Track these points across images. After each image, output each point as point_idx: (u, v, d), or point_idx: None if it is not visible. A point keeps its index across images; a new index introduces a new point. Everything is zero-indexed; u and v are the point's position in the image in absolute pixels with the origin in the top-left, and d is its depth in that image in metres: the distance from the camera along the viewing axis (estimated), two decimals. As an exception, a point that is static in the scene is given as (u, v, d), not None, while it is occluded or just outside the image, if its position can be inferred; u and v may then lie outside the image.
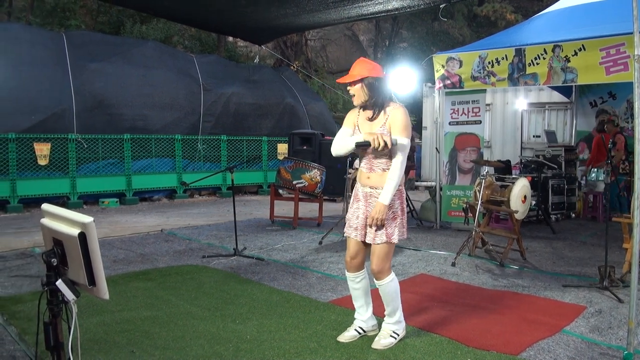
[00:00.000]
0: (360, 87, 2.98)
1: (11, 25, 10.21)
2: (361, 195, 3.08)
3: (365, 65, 3.01)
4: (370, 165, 3.03)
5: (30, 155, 9.05)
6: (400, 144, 2.88)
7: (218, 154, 11.90)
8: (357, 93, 3.00)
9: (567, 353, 2.97)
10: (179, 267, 5.02)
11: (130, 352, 2.95)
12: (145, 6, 9.31)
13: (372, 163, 3.02)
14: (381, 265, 2.98)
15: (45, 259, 1.96)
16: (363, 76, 2.95)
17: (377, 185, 3.00)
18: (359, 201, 3.08)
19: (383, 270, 3.00)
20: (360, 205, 3.07)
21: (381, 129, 2.96)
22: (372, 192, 3.02)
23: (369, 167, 3.04)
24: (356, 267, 3.13)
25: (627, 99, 8.91)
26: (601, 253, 4.61)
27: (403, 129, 2.92)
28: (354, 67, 3.03)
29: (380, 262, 2.98)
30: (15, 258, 5.34)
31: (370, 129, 3.00)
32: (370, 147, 2.89)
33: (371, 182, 3.02)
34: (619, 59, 5.18)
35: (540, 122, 11.38)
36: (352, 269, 3.13)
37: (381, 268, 2.99)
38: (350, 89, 3.02)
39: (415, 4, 8.01)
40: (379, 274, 3.01)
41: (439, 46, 19.43)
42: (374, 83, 2.97)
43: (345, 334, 3.19)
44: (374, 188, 3.01)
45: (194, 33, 18.04)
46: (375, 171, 3.01)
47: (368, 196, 3.03)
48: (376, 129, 2.98)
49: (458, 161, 7.19)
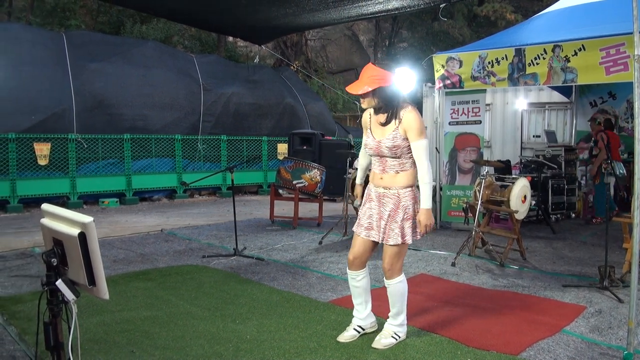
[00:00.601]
0: (371, 98, 2.97)
1: (11, 25, 10.22)
2: (374, 195, 3.08)
3: (374, 77, 2.93)
4: (383, 166, 3.05)
5: (30, 155, 9.05)
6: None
7: (218, 154, 11.90)
8: (368, 102, 3.00)
9: (567, 353, 2.97)
10: (179, 267, 5.02)
11: (130, 352, 2.95)
12: (145, 6, 9.31)
13: (385, 165, 3.04)
14: (393, 264, 3.01)
15: (45, 259, 1.96)
16: (373, 88, 2.93)
17: (390, 185, 3.00)
18: (372, 201, 3.09)
19: (394, 270, 3.02)
20: (373, 206, 3.08)
21: (394, 132, 2.95)
22: (385, 192, 3.02)
23: (382, 169, 3.05)
24: (358, 266, 3.14)
25: (627, 99, 8.91)
26: (601, 253, 4.61)
27: (420, 132, 2.93)
28: (362, 74, 2.99)
29: (392, 261, 3.01)
30: (15, 258, 5.34)
31: (383, 132, 3.00)
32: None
33: (384, 183, 3.03)
34: (619, 59, 5.17)
35: (540, 122, 11.38)
36: (354, 267, 3.15)
37: (392, 267, 3.01)
38: (360, 97, 3.01)
39: (415, 4, 8.00)
40: (389, 273, 3.03)
41: (439, 46, 19.42)
42: (385, 92, 2.96)
43: (345, 334, 3.20)
44: (387, 188, 3.01)
45: (194, 33, 18.04)
46: (388, 172, 3.02)
47: (381, 196, 3.04)
48: (389, 132, 2.97)
49: (458, 161, 7.19)
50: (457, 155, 7.20)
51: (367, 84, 2.93)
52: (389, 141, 2.96)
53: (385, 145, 2.97)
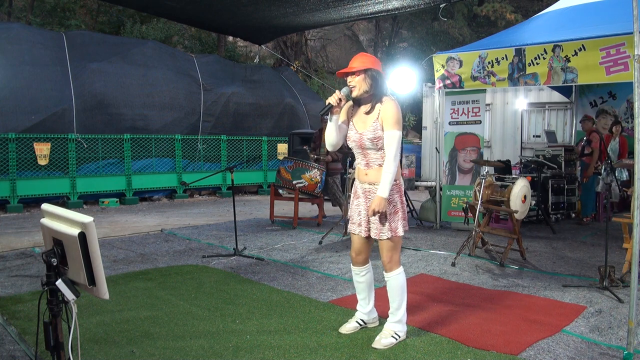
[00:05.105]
0: (363, 79, 3.01)
1: (11, 25, 10.21)
2: (360, 191, 3.14)
3: (367, 58, 3.05)
4: (367, 161, 3.09)
5: (30, 155, 9.05)
6: (348, 95, 3.03)
7: (218, 154, 11.90)
8: (359, 84, 3.02)
9: (567, 353, 2.97)
10: (179, 267, 5.02)
11: (130, 352, 2.95)
12: (145, 6, 9.30)
13: (368, 159, 3.08)
14: (391, 257, 3.06)
15: (45, 259, 1.96)
16: (367, 67, 2.99)
17: (375, 181, 3.04)
18: (359, 198, 3.15)
19: (393, 262, 3.07)
20: (360, 202, 3.14)
21: (374, 124, 3.00)
22: (370, 188, 3.07)
23: (365, 164, 3.10)
24: (361, 262, 3.23)
25: (627, 99, 8.92)
26: (601, 253, 4.62)
27: (395, 122, 2.96)
28: (354, 60, 3.07)
29: (390, 255, 3.06)
30: (15, 258, 5.34)
31: (365, 125, 3.04)
32: (334, 108, 3.01)
33: (369, 179, 3.07)
34: (619, 59, 5.17)
35: (540, 122, 11.39)
36: (357, 264, 3.24)
37: (391, 259, 3.06)
38: (352, 80, 3.03)
39: (415, 3, 7.99)
40: (389, 265, 3.07)
41: (439, 46, 19.42)
42: (376, 75, 3.02)
43: (347, 326, 3.28)
44: (372, 184, 3.06)
45: (194, 33, 18.04)
46: (372, 167, 3.06)
47: (367, 192, 3.09)
48: (370, 123, 3.02)
49: (458, 161, 7.19)
50: (457, 155, 7.19)
51: (361, 64, 3.00)
52: (370, 133, 3.00)
53: (366, 137, 3.01)
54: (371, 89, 3.02)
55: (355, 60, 3.05)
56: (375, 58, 3.11)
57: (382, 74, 3.07)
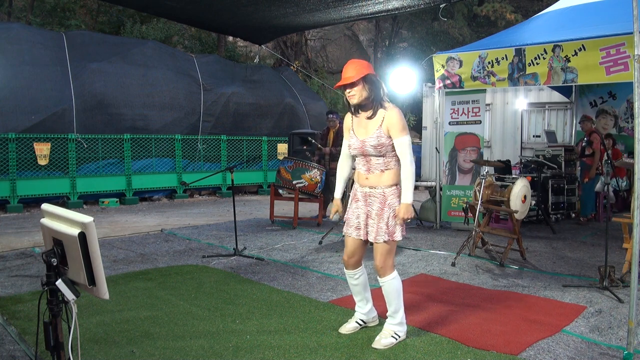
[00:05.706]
0: (362, 87, 2.99)
1: (11, 25, 10.21)
2: (360, 195, 3.12)
3: (360, 65, 3.02)
4: (368, 166, 3.07)
5: (30, 155, 9.05)
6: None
7: (218, 154, 11.90)
8: (358, 92, 3.00)
9: (567, 353, 2.97)
10: (179, 267, 5.02)
11: (130, 352, 2.95)
12: (145, 6, 9.31)
13: (370, 165, 3.06)
14: (384, 261, 3.03)
15: (45, 259, 1.96)
16: (363, 74, 2.97)
17: (375, 184, 3.03)
18: (358, 201, 3.13)
19: (386, 267, 3.04)
20: (360, 205, 3.11)
21: (377, 130, 2.99)
22: (371, 191, 3.06)
23: (367, 169, 3.08)
24: (354, 265, 3.20)
25: (627, 99, 8.92)
26: (601, 253, 4.62)
27: (402, 129, 2.97)
28: (347, 69, 3.02)
29: (383, 259, 3.03)
30: (15, 258, 5.34)
31: (366, 132, 3.03)
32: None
33: (370, 182, 3.06)
34: (619, 59, 5.17)
35: (540, 122, 11.39)
36: (350, 267, 3.21)
37: (384, 264, 3.03)
38: (350, 90, 3.01)
39: (415, 3, 7.99)
40: (382, 270, 3.05)
41: (439, 46, 19.42)
42: (373, 79, 3.01)
43: (347, 326, 3.28)
44: (373, 188, 3.05)
45: (194, 33, 18.04)
46: (373, 172, 3.05)
47: (367, 196, 3.07)
48: (373, 130, 3.00)
49: (458, 161, 7.19)
50: (457, 155, 7.19)
51: (357, 73, 2.97)
52: (373, 140, 2.99)
53: (369, 144, 3.00)
54: (371, 93, 3.01)
55: (349, 70, 3.00)
56: (366, 62, 3.09)
57: (377, 75, 3.06)
